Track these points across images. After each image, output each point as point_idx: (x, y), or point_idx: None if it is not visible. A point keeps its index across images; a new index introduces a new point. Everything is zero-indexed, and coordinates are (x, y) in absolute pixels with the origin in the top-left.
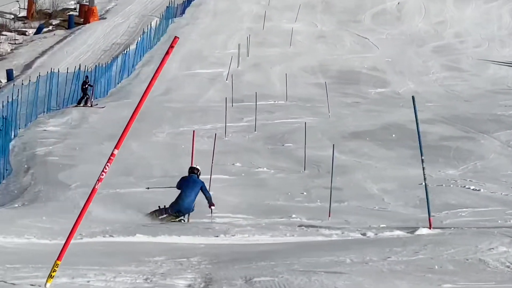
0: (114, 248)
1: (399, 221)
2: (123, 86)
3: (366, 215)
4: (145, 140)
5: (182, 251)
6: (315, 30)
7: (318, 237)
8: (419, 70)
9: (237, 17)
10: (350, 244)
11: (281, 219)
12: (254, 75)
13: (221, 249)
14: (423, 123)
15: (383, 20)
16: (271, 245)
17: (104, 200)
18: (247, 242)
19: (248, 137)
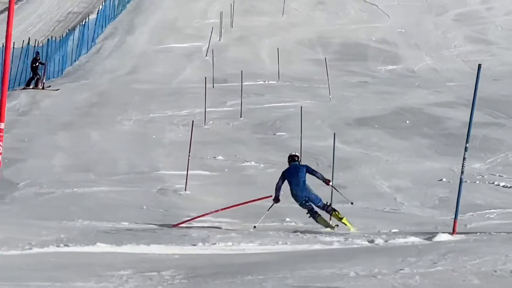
0: (70, 260)
1: (414, 225)
2: (81, 64)
3: (375, 218)
4: (108, 129)
5: (152, 263)
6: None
7: (316, 245)
8: (438, 43)
9: None
10: (355, 253)
11: (273, 223)
12: (239, 50)
13: (199, 261)
14: (443, 106)
15: None
16: (260, 255)
17: (58, 201)
18: (231, 252)
19: (233, 124)
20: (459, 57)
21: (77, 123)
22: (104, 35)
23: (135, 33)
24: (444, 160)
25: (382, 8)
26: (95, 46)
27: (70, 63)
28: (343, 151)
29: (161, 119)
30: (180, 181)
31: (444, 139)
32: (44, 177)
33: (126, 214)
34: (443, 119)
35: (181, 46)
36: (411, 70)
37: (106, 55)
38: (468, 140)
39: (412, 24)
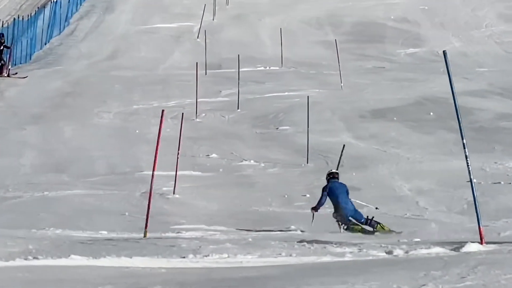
0: (40, 275)
1: (440, 233)
2: (53, 47)
3: (394, 225)
4: (84, 123)
5: (136, 278)
6: None
7: (325, 257)
8: (467, 22)
9: None
10: (370, 266)
11: (275, 232)
12: (236, 31)
13: (189, 276)
14: (472, 96)
15: None
16: (260, 268)
17: (26, 207)
18: (226, 265)
19: (228, 117)
20: (491, 38)
21: (48, 116)
22: (79, 14)
23: (115, 12)
24: (473, 157)
25: None
26: (68, 27)
27: (40, 47)
28: (357, 148)
29: (145, 112)
30: (167, 183)
31: (474, 133)
32: (10, 178)
33: (105, 222)
34: (473, 110)
35: (169, 27)
36: (436, 53)
37: (81, 37)
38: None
39: (437, 0)
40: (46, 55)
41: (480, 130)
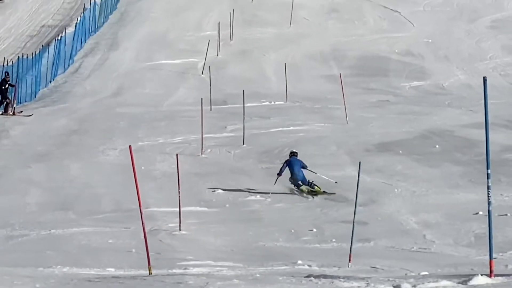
0: None
1: (447, 266)
2: (58, 85)
3: (401, 259)
4: (90, 161)
5: None
6: (325, 2)
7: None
8: (472, 54)
9: None
10: None
11: (283, 267)
12: (240, 67)
13: None
14: (478, 128)
15: None
16: None
17: (32, 245)
18: None
19: (234, 153)
20: (495, 71)
21: (53, 154)
22: (83, 52)
23: (119, 49)
24: (480, 190)
25: (406, 15)
26: (73, 65)
27: (45, 85)
28: (363, 182)
29: (151, 148)
30: (174, 219)
31: (480, 166)
32: (16, 217)
33: (112, 259)
34: (478, 143)
35: (173, 63)
36: (440, 86)
37: (86, 75)
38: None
39: (441, 33)
40: (51, 93)
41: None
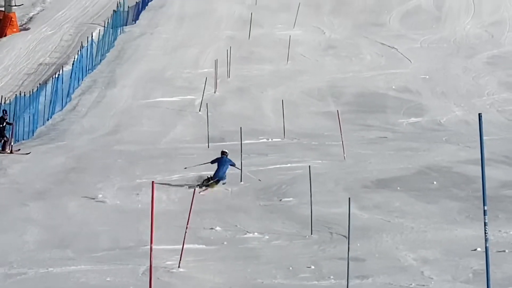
0: None
1: None
2: (55, 122)
3: None
4: (87, 199)
5: None
6: (322, 39)
7: None
8: (469, 91)
9: (212, 22)
10: None
11: None
12: (238, 104)
13: None
14: (475, 164)
15: (416, 22)
16: None
17: (30, 283)
18: None
19: (232, 190)
20: (493, 107)
21: (51, 192)
22: (81, 89)
23: (116, 87)
24: (478, 226)
25: (403, 52)
26: (70, 103)
27: (43, 123)
28: (361, 218)
29: (148, 186)
30: (172, 257)
31: (478, 202)
32: (14, 255)
33: None
34: (476, 179)
35: (171, 100)
36: (438, 122)
37: (83, 113)
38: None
39: (438, 69)
40: (49, 131)
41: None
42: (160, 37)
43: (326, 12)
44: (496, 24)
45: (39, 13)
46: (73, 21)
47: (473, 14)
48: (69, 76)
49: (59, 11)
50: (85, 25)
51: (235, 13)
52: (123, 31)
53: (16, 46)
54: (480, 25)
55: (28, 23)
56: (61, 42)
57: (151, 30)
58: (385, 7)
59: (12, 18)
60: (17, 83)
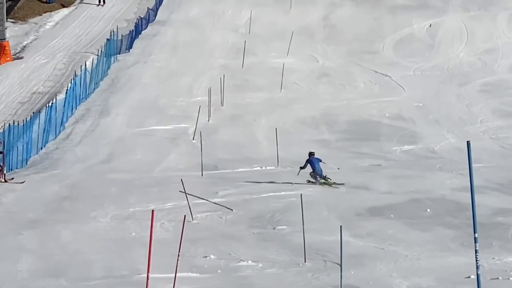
0: None
1: None
2: (49, 151)
3: None
4: (81, 227)
5: None
6: (316, 66)
7: None
8: (462, 118)
9: (206, 51)
10: None
11: None
12: (231, 132)
13: None
14: (469, 191)
15: (409, 50)
16: None
17: None
18: None
19: (226, 218)
20: (486, 134)
21: (45, 221)
22: (74, 118)
23: (110, 115)
24: (471, 253)
25: (396, 80)
26: (64, 131)
27: (36, 151)
28: (355, 246)
29: (142, 214)
30: (166, 285)
31: (471, 229)
32: (7, 284)
33: None
34: (469, 206)
35: (164, 129)
36: (431, 150)
37: (77, 141)
38: (476, 230)
39: (431, 97)
40: (42, 160)
41: (477, 225)
42: (154, 65)
43: (319, 40)
44: (489, 52)
45: (32, 42)
46: (66, 50)
47: (466, 42)
48: (63, 105)
49: (52, 40)
50: (79, 53)
51: (228, 41)
52: (116, 59)
53: (9, 75)
54: (473, 53)
55: (21, 52)
56: (54, 71)
57: (144, 58)
58: (378, 35)
59: (6, 47)
60: (10, 112)
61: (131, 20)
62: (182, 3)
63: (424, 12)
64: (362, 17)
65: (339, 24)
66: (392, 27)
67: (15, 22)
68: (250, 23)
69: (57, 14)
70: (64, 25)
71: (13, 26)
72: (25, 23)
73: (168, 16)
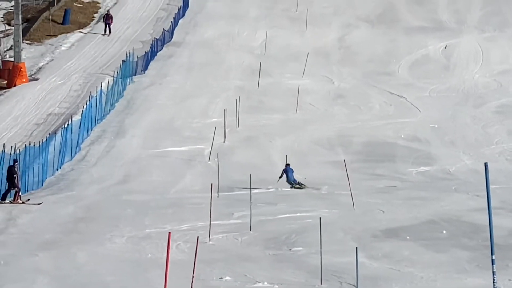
0: None
1: None
2: (65, 173)
3: None
4: (97, 248)
5: None
6: (331, 88)
7: None
8: (478, 140)
9: (221, 72)
10: None
11: None
12: (247, 153)
13: None
14: (485, 213)
15: (425, 71)
16: None
17: None
18: None
19: (242, 239)
20: (502, 155)
21: (60, 242)
22: (90, 139)
23: (126, 136)
24: (487, 275)
25: (412, 101)
26: (80, 152)
27: (52, 173)
28: (370, 268)
29: (158, 235)
30: None
31: (487, 251)
32: None
33: None
34: (485, 228)
35: (180, 150)
36: (447, 171)
37: (93, 163)
38: (493, 252)
39: (447, 118)
40: (58, 181)
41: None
42: (169, 87)
43: (334, 62)
44: (504, 73)
45: (48, 63)
46: (82, 71)
47: (481, 63)
48: (78, 126)
49: (68, 61)
50: (94, 75)
51: (243, 62)
52: (132, 81)
53: (25, 96)
54: (489, 74)
55: (37, 73)
56: (70, 92)
57: (160, 80)
58: (394, 56)
59: (22, 68)
60: (26, 133)
61: (147, 41)
62: (197, 25)
63: (440, 34)
64: (377, 39)
65: (355, 45)
66: (407, 49)
67: (31, 43)
68: (265, 44)
69: (72, 35)
70: (80, 46)
71: (29, 47)
72: (41, 44)
73: (184, 37)
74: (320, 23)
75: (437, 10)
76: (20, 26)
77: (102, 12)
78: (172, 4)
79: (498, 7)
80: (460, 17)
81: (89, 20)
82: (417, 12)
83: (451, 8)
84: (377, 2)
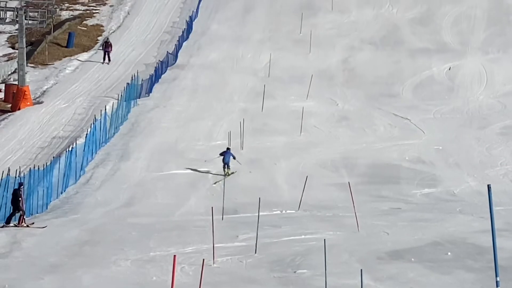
0: None
1: None
2: (69, 196)
3: None
4: (102, 272)
5: None
6: (335, 110)
7: None
8: (482, 161)
9: (225, 94)
10: None
11: None
12: (251, 176)
13: None
14: (489, 234)
15: (429, 93)
16: None
17: None
18: None
19: (246, 262)
20: (506, 177)
21: (65, 265)
22: (94, 162)
23: (130, 159)
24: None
25: (416, 123)
26: (84, 176)
27: (56, 196)
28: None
29: (163, 258)
30: None
31: (492, 272)
32: None
33: None
34: (490, 250)
35: (184, 173)
36: (452, 193)
37: (97, 186)
38: (498, 273)
39: (451, 140)
40: (63, 204)
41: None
42: (173, 109)
43: (339, 84)
44: (508, 95)
45: (52, 87)
46: (86, 94)
47: (485, 84)
48: (83, 149)
49: (72, 84)
50: (99, 98)
51: (247, 85)
52: (136, 103)
53: (29, 119)
54: (493, 95)
55: (41, 96)
56: (74, 115)
57: (164, 102)
58: (398, 78)
59: (26, 91)
60: (30, 157)
61: (151, 64)
62: (201, 47)
63: (444, 55)
64: (381, 61)
65: (359, 67)
66: (411, 70)
67: (35, 66)
68: (269, 67)
69: (77, 58)
70: (84, 69)
71: (33, 70)
72: (45, 67)
73: (188, 60)
74: (324, 45)
75: (441, 31)
76: (24, 50)
77: (106, 35)
78: (176, 27)
79: (501, 28)
80: (463, 39)
81: (93, 43)
82: (421, 34)
83: (454, 29)
84: (381, 24)
